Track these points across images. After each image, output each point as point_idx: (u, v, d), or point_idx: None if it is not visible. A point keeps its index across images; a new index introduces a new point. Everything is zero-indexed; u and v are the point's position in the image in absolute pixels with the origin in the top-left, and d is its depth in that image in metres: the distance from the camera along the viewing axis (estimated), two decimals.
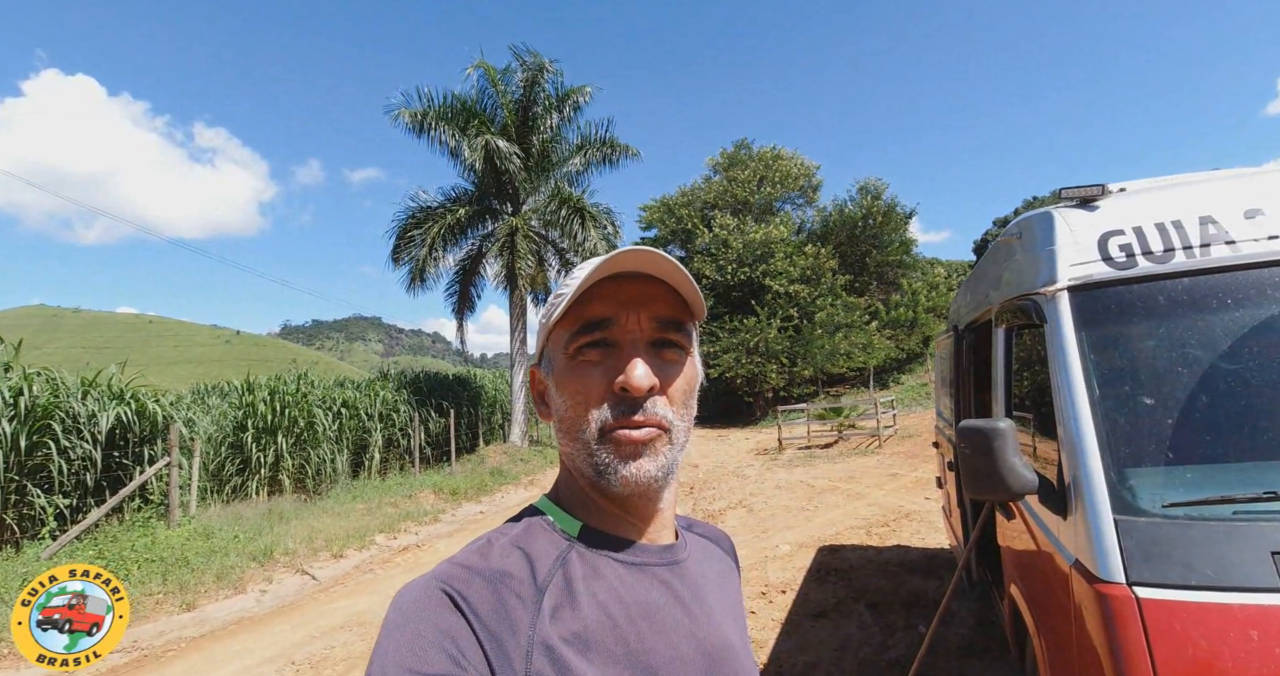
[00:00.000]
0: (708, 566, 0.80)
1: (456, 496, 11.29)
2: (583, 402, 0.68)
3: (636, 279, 0.70)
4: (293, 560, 7.25)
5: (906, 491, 9.31)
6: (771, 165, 29.48)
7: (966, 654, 3.76)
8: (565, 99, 16.79)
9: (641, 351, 0.68)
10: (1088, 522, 1.67)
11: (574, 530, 0.70)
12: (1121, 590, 1.52)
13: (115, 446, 8.13)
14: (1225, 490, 1.60)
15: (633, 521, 0.72)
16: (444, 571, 0.63)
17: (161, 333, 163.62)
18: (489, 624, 0.58)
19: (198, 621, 5.48)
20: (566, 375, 0.70)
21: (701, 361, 0.78)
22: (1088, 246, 2.08)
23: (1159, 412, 1.78)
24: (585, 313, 0.69)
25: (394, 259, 16.66)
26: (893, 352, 25.21)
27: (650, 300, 0.70)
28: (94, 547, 6.61)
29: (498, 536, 0.69)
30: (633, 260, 0.68)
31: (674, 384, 0.70)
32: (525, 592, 0.62)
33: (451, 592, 0.60)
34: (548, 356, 0.74)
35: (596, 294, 0.69)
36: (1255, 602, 1.40)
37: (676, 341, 0.71)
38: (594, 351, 0.68)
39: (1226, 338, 1.82)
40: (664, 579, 0.70)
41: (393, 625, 0.58)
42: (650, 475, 0.66)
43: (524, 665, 0.56)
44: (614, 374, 0.67)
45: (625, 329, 0.68)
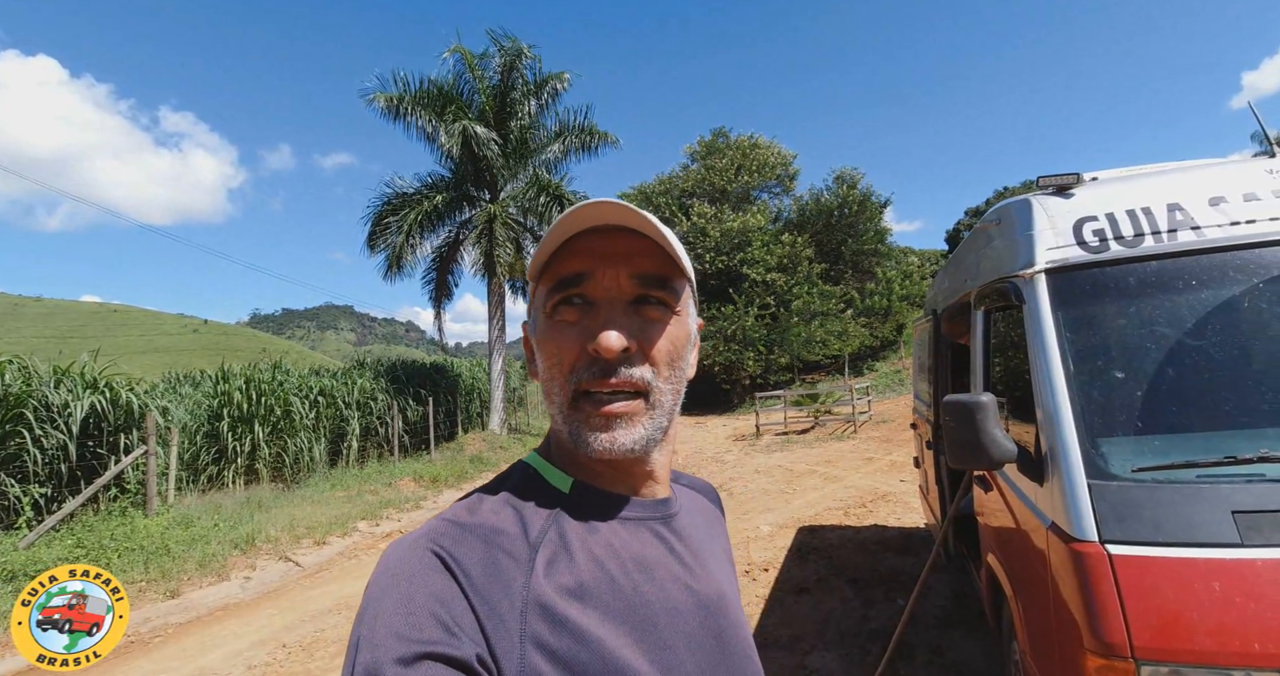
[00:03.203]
0: (698, 518, 0.80)
1: (437, 483, 11.30)
2: (557, 365, 0.65)
3: (618, 233, 0.65)
4: (275, 547, 7.23)
5: (882, 474, 9.54)
6: (749, 154, 29.57)
7: (944, 624, 3.93)
8: (543, 85, 16.66)
9: (619, 310, 0.64)
10: (1063, 487, 1.79)
11: (565, 486, 0.69)
12: (1095, 548, 1.65)
13: (89, 436, 8.01)
14: (1189, 456, 1.74)
15: (623, 479, 0.70)
16: (434, 529, 0.61)
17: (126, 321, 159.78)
18: (480, 585, 0.56)
19: (183, 608, 5.47)
20: (544, 334, 0.66)
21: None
22: (1064, 231, 2.21)
23: (1129, 386, 1.91)
24: (562, 268, 0.65)
25: (370, 246, 16.47)
26: (867, 340, 25.56)
27: (631, 255, 0.65)
28: (72, 536, 6.54)
29: (488, 492, 0.68)
30: (607, 213, 0.63)
31: (656, 344, 0.65)
32: (518, 550, 0.60)
33: (441, 553, 0.57)
34: (532, 314, 0.71)
35: (574, 248, 0.65)
36: (1217, 557, 1.54)
37: (661, 298, 0.66)
38: (569, 310, 0.65)
39: (1192, 317, 1.95)
40: (658, 532, 0.69)
41: (381, 587, 0.56)
42: (624, 447, 0.63)
43: (519, 625, 0.55)
44: (589, 335, 0.63)
45: (602, 286, 0.64)
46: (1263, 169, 2.07)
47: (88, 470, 7.88)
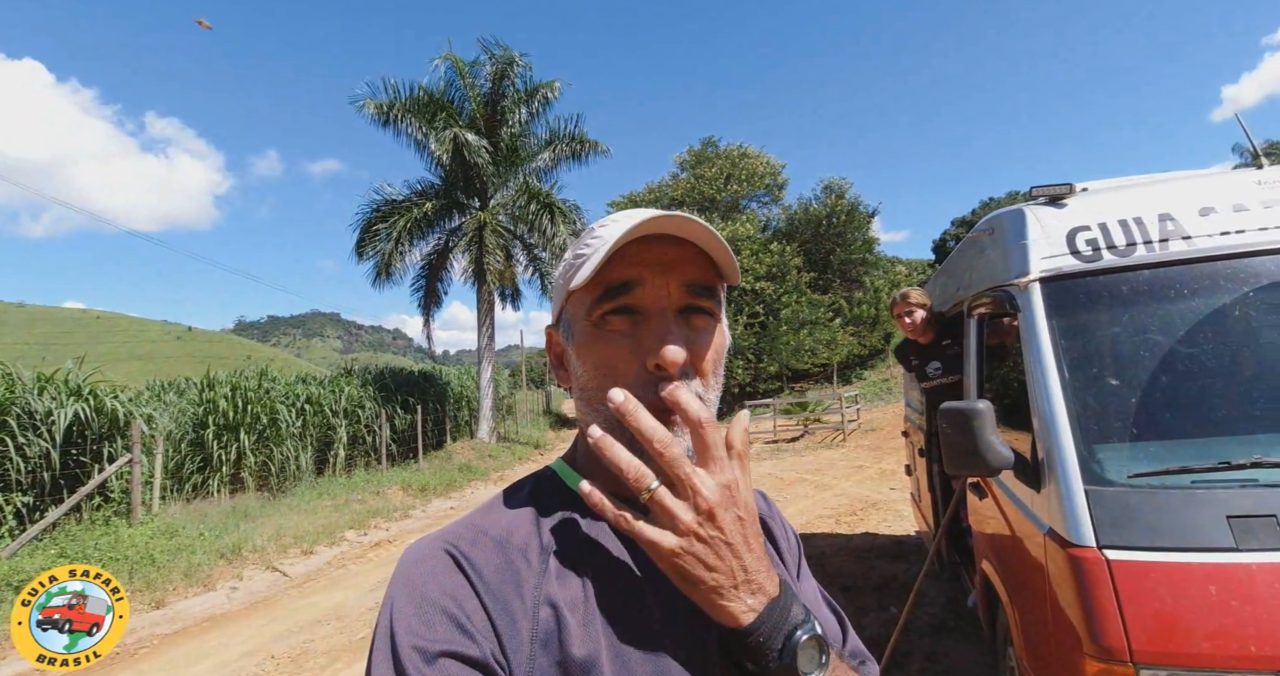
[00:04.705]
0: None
1: (426, 492, 11.21)
2: (608, 375, 0.63)
3: (665, 241, 0.64)
4: (262, 557, 7.15)
5: (872, 482, 9.57)
6: (738, 163, 29.75)
7: (938, 632, 3.94)
8: (534, 93, 16.71)
9: (671, 321, 0.63)
10: (1061, 493, 1.81)
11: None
12: (1093, 553, 1.66)
13: (73, 444, 7.90)
14: (1184, 461, 1.76)
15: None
16: (451, 531, 0.63)
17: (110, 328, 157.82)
18: (493, 585, 0.57)
19: (168, 619, 5.39)
20: (589, 343, 0.65)
21: None
22: (1057, 240, 2.24)
23: (1124, 393, 1.94)
24: (609, 276, 0.63)
25: (359, 253, 16.39)
26: (856, 349, 25.71)
27: (679, 263, 0.64)
28: (55, 546, 6.43)
29: (508, 496, 0.68)
30: (667, 225, 0.63)
31: (705, 355, 0.65)
32: (531, 552, 0.61)
33: (455, 553, 0.59)
34: (566, 320, 0.69)
35: (620, 256, 0.63)
36: (1213, 561, 1.56)
37: (707, 308, 0.66)
38: (620, 319, 0.63)
39: (1184, 325, 1.99)
40: None
41: (398, 587, 0.57)
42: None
43: (530, 624, 0.56)
44: (643, 347, 0.62)
45: (653, 295, 0.63)
46: (1251, 180, 2.11)
47: (71, 479, 7.76)
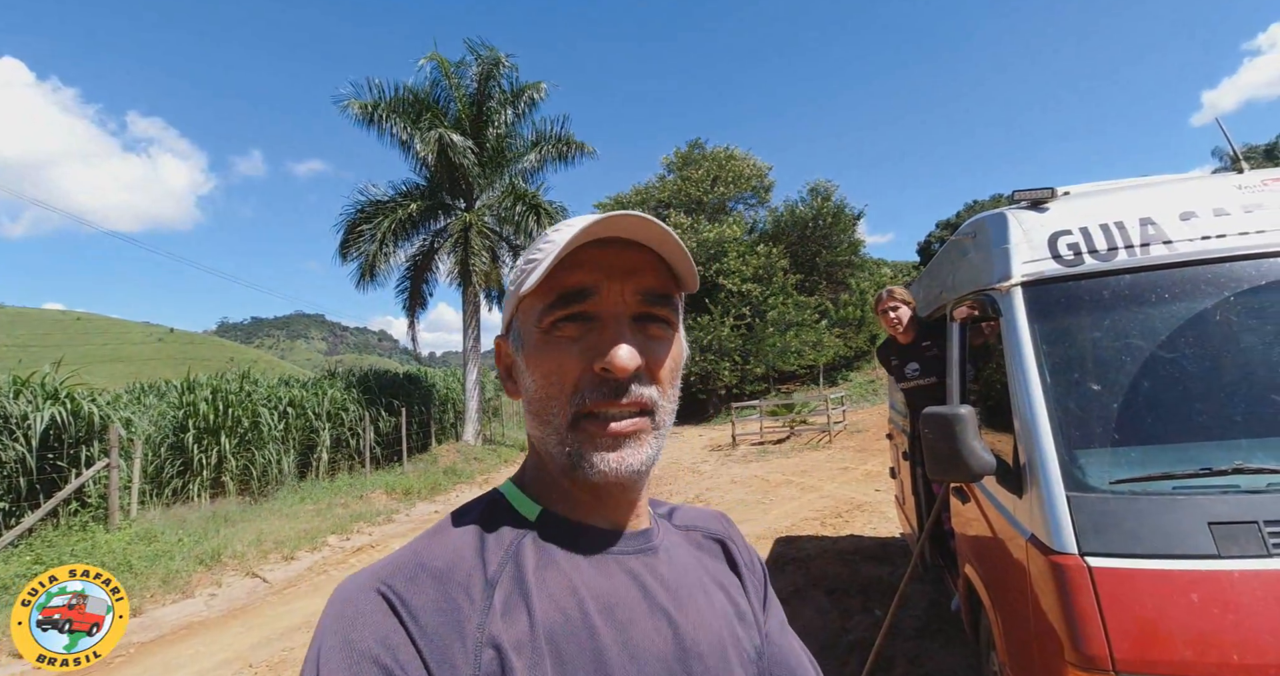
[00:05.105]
0: (687, 553, 0.73)
1: (410, 496, 11.10)
2: (557, 383, 0.61)
3: (622, 245, 0.62)
4: (242, 563, 7.04)
5: (857, 483, 9.59)
6: (725, 165, 29.84)
7: (922, 635, 3.93)
8: (520, 94, 16.65)
9: (625, 327, 0.61)
10: (1043, 499, 1.80)
11: (533, 515, 0.64)
12: (1075, 560, 1.65)
13: (49, 448, 7.76)
14: (1166, 467, 1.76)
15: (603, 508, 0.65)
16: (384, 568, 0.57)
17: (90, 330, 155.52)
18: (430, 628, 0.52)
19: (145, 626, 5.29)
20: (539, 352, 0.62)
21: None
22: (1039, 245, 2.23)
23: (1105, 398, 1.93)
24: (563, 281, 0.61)
25: (342, 254, 16.25)
26: (842, 350, 25.82)
27: (637, 269, 0.62)
28: (31, 552, 6.32)
29: (452, 522, 0.64)
30: (623, 225, 0.60)
31: (661, 363, 0.63)
32: (474, 587, 0.56)
33: (388, 593, 0.54)
34: (516, 328, 0.66)
35: (576, 260, 0.61)
36: (1195, 568, 1.55)
37: (663, 316, 0.64)
38: (571, 326, 0.61)
39: (1165, 329, 1.98)
40: (631, 569, 0.64)
41: (326, 631, 0.53)
42: (632, 469, 0.60)
43: (472, 670, 0.51)
44: (594, 352, 0.60)
45: (608, 301, 0.61)
46: (1232, 184, 2.12)
47: (48, 484, 7.63)
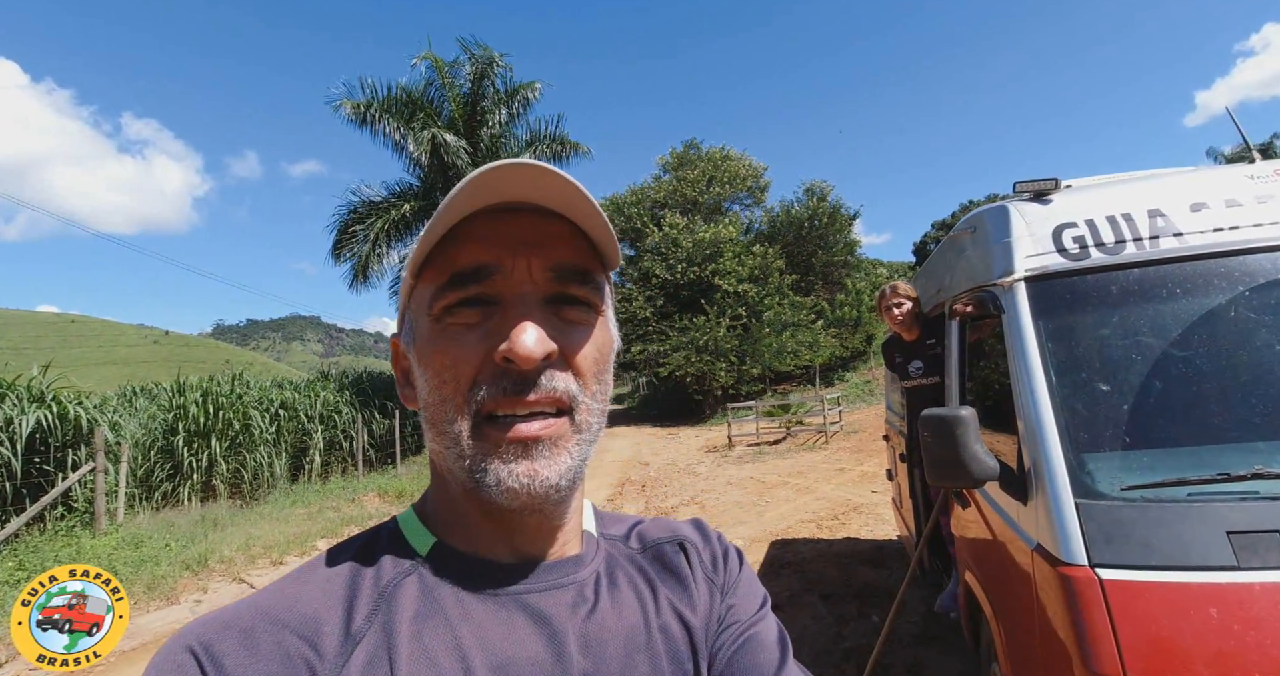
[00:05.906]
0: (629, 584, 0.60)
1: (403, 498, 10.98)
2: (451, 380, 0.50)
3: (526, 212, 0.51)
4: (229, 568, 6.92)
5: (854, 485, 9.50)
6: (720, 165, 29.74)
7: (920, 642, 3.83)
8: (514, 94, 16.58)
9: (534, 309, 0.50)
10: (1049, 507, 1.69)
11: (424, 547, 0.54)
12: (1084, 572, 1.55)
13: (36, 452, 7.65)
14: (1180, 473, 1.65)
15: (511, 539, 0.54)
16: (214, 620, 0.47)
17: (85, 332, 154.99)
18: None
19: (128, 634, 5.14)
20: (430, 344, 0.51)
21: (650, 360, 0.59)
22: (1043, 238, 2.13)
23: (1115, 399, 1.83)
24: (457, 259, 0.50)
25: (335, 255, 16.18)
26: (838, 351, 25.74)
27: (546, 242, 0.52)
28: (14, 558, 6.19)
29: (330, 559, 0.53)
30: (514, 178, 0.47)
31: (580, 351, 0.52)
32: (326, 643, 0.46)
33: (201, 656, 0.44)
34: (410, 321, 0.55)
35: (471, 234, 0.50)
36: (1213, 581, 1.44)
37: (582, 297, 0.53)
38: (467, 311, 0.50)
39: (1177, 326, 1.88)
40: (541, 612, 0.52)
41: None
42: (548, 483, 0.49)
43: None
44: (495, 339, 0.49)
45: (512, 281, 0.50)
46: (1244, 174, 2.02)
47: (34, 488, 7.52)
